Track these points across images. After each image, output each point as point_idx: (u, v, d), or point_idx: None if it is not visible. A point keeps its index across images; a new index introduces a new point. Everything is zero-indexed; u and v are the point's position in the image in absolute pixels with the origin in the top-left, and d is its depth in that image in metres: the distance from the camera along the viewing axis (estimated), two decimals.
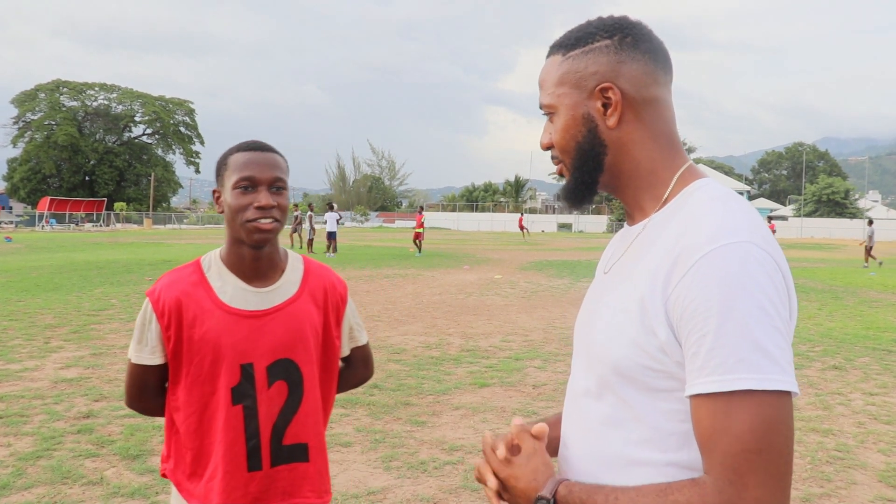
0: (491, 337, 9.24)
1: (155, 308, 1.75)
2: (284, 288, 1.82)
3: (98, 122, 74.60)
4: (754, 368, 0.97)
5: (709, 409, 1.00)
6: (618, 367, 1.11)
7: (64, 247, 28.14)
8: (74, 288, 13.53)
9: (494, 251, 29.95)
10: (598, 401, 1.17)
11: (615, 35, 1.16)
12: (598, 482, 1.13)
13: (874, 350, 8.77)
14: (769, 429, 0.97)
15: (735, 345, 0.97)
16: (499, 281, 16.65)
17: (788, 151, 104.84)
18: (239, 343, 1.74)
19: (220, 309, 1.75)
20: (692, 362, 1.01)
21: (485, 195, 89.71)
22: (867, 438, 5.35)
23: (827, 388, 6.85)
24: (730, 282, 0.99)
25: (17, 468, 4.38)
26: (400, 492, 4.20)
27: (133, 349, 1.80)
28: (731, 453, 0.97)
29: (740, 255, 1.01)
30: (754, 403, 0.97)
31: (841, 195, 69.23)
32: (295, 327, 1.81)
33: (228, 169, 1.73)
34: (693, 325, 1.01)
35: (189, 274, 1.80)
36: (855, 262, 26.32)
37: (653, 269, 1.08)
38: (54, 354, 7.66)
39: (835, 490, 4.35)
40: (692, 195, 1.14)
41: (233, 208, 1.70)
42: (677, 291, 1.03)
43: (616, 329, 1.12)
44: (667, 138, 1.19)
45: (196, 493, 1.78)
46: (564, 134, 1.20)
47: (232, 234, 1.76)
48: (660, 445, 1.09)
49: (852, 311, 12.36)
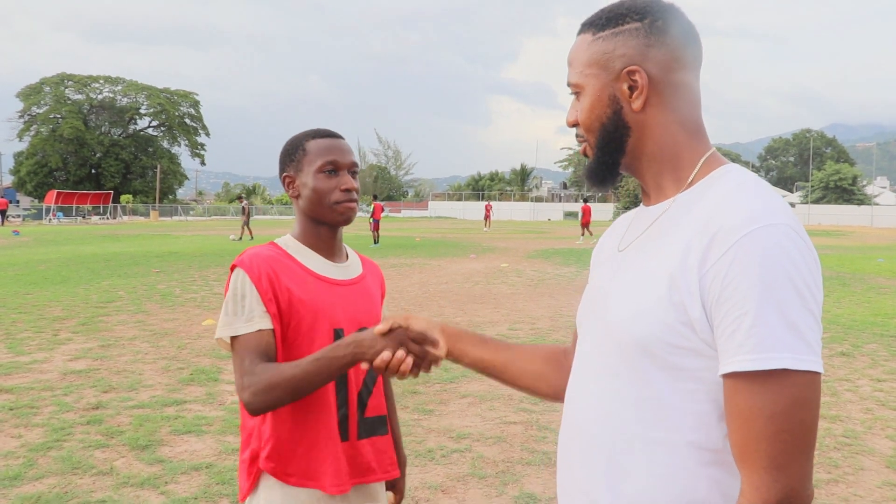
0: (498, 325, 9.25)
1: (250, 274, 1.69)
2: (354, 265, 1.91)
3: (103, 115, 74.63)
4: (791, 348, 0.99)
5: (745, 388, 1.01)
6: (641, 344, 1.11)
7: (71, 240, 28.24)
8: (82, 280, 13.59)
9: (500, 240, 29.92)
10: (613, 379, 1.17)
11: (646, 18, 1.16)
12: (612, 462, 1.15)
13: (882, 336, 8.75)
14: (802, 407, 1.00)
15: (774, 325, 0.99)
16: (505, 269, 16.64)
17: (795, 138, 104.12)
18: (330, 308, 1.77)
19: (311, 276, 1.78)
20: (730, 340, 1.02)
21: (490, 184, 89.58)
22: (875, 424, 5.35)
23: (835, 374, 6.84)
24: (770, 263, 1.00)
25: (28, 459, 4.42)
26: (408, 479, 4.19)
27: (232, 324, 1.67)
28: (766, 435, 1.00)
29: (780, 236, 1.02)
30: (789, 383, 0.99)
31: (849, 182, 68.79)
32: (371, 299, 1.89)
33: (309, 154, 1.80)
34: (732, 304, 1.01)
35: (269, 250, 1.78)
36: (863, 249, 26.20)
37: (683, 246, 1.09)
38: (63, 346, 7.70)
39: (843, 476, 4.35)
40: (720, 178, 1.15)
41: (319, 191, 1.78)
42: (715, 269, 1.03)
43: (640, 305, 1.12)
44: (693, 123, 1.19)
45: (296, 471, 1.71)
46: (590, 114, 1.20)
47: (312, 216, 1.82)
48: (678, 425, 1.10)
49: (860, 297, 12.31)
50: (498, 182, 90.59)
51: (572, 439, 1.25)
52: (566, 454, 1.27)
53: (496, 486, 4.14)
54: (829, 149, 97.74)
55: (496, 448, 4.74)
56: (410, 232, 36.06)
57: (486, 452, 4.65)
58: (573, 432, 1.25)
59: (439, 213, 76.08)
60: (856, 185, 69.68)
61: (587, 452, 1.20)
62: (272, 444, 1.71)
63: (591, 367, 1.23)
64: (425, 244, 26.06)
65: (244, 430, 1.78)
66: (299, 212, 1.85)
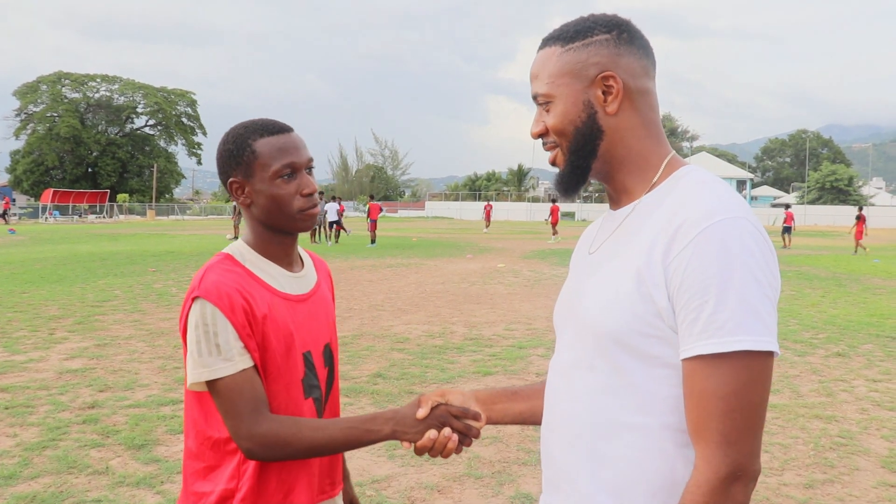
0: (494, 326, 9.25)
1: (220, 306, 1.48)
2: (309, 273, 1.74)
3: (100, 114, 74.46)
4: (750, 331, 1.08)
5: (702, 370, 1.10)
6: (614, 335, 1.18)
7: (67, 238, 28.19)
8: (78, 279, 13.57)
9: (497, 240, 29.93)
10: (590, 371, 1.24)
11: (613, 30, 1.25)
12: (593, 450, 1.22)
13: (877, 337, 8.77)
14: (754, 387, 1.09)
15: (733, 309, 1.08)
16: (502, 270, 16.65)
17: (792, 139, 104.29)
18: (297, 330, 1.61)
19: (276, 296, 1.59)
20: (691, 327, 1.10)
21: (487, 184, 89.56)
22: (870, 425, 5.36)
23: (830, 374, 6.86)
24: (728, 253, 1.09)
25: (24, 458, 4.41)
26: (404, 480, 4.21)
27: (210, 366, 1.48)
28: (718, 414, 1.09)
29: (737, 229, 1.11)
30: (744, 365, 1.08)
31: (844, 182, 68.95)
32: (328, 310, 1.75)
33: (260, 157, 1.58)
34: (693, 293, 1.10)
35: (229, 268, 1.57)
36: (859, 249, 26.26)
37: (649, 243, 1.17)
38: (59, 345, 7.69)
39: (838, 476, 4.36)
40: (681, 179, 1.24)
41: (279, 199, 1.58)
42: (678, 261, 1.12)
43: (611, 300, 1.19)
44: (655, 127, 1.28)
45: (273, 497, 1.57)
46: (563, 119, 1.26)
47: (270, 224, 1.62)
48: (653, 410, 1.18)
49: (856, 298, 12.34)
50: (495, 182, 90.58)
51: (553, 431, 1.32)
52: (549, 446, 1.34)
53: (492, 487, 4.14)
54: (825, 149, 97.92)
55: (492, 448, 4.74)
56: (407, 232, 36.04)
57: (482, 452, 4.65)
58: (554, 425, 1.32)
59: (436, 213, 76.05)
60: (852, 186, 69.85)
61: (568, 442, 1.27)
62: (251, 485, 1.54)
63: (570, 362, 1.30)
64: (422, 244, 26.06)
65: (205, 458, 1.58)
66: (254, 220, 1.64)
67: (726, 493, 1.09)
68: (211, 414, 1.55)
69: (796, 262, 20.24)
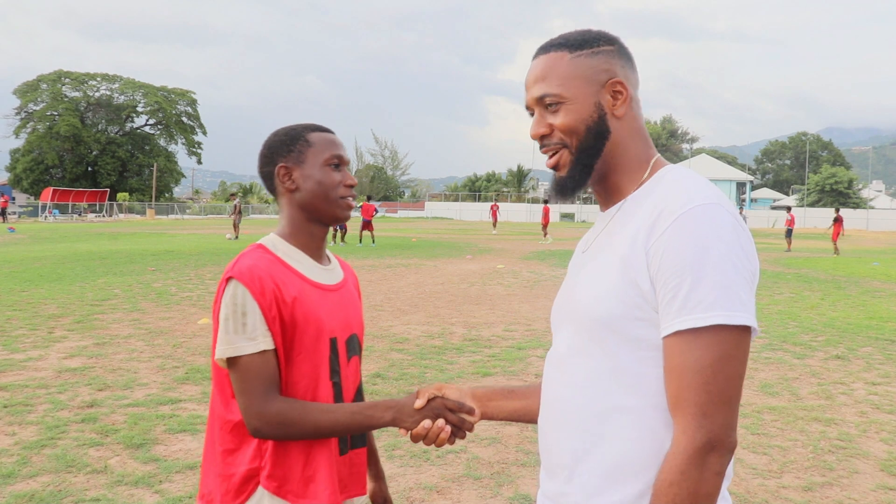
0: (493, 326, 9.25)
1: (251, 289, 1.58)
2: (336, 268, 1.85)
3: (100, 113, 74.42)
4: (724, 306, 1.14)
5: (679, 345, 1.17)
6: (605, 321, 1.26)
7: (67, 237, 28.18)
8: (77, 278, 13.56)
9: (497, 241, 29.92)
10: (583, 357, 1.31)
11: (615, 44, 1.38)
12: (589, 433, 1.28)
13: (877, 340, 8.77)
14: (728, 361, 1.16)
15: (709, 287, 1.15)
16: (501, 270, 16.65)
17: (792, 141, 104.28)
18: (326, 317, 1.70)
19: (305, 282, 1.70)
20: (670, 306, 1.18)
21: (487, 185, 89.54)
22: (869, 428, 5.36)
23: (829, 377, 6.86)
24: (704, 235, 1.17)
25: (22, 457, 4.40)
26: (403, 480, 4.21)
27: (233, 343, 1.58)
28: (694, 386, 1.15)
29: (711, 213, 1.19)
30: (718, 339, 1.15)
31: (844, 185, 68.97)
32: (355, 304, 1.86)
33: (313, 146, 1.74)
34: (671, 273, 1.17)
35: (261, 255, 1.67)
36: (859, 252, 26.26)
37: (633, 234, 1.25)
38: (58, 344, 7.69)
39: (837, 479, 4.36)
40: (664, 176, 1.34)
41: (326, 184, 1.72)
42: (657, 245, 1.20)
43: (600, 289, 1.28)
44: (644, 131, 1.40)
45: (296, 488, 1.63)
46: (577, 118, 1.34)
47: (311, 210, 1.74)
48: (642, 391, 1.24)
49: (855, 300, 12.35)
50: (495, 183, 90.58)
51: (548, 420, 1.39)
52: (545, 435, 1.40)
53: (491, 488, 4.14)
54: (825, 152, 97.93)
55: (491, 449, 4.74)
56: (407, 232, 36.03)
57: (480, 453, 4.65)
58: (549, 413, 1.39)
59: (436, 213, 76.04)
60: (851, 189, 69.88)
61: (563, 427, 1.34)
62: (274, 462, 1.62)
63: (566, 352, 1.36)
64: (421, 245, 26.06)
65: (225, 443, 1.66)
66: (293, 207, 1.75)
67: (702, 463, 1.14)
68: (230, 399, 1.65)
69: (795, 264, 20.24)
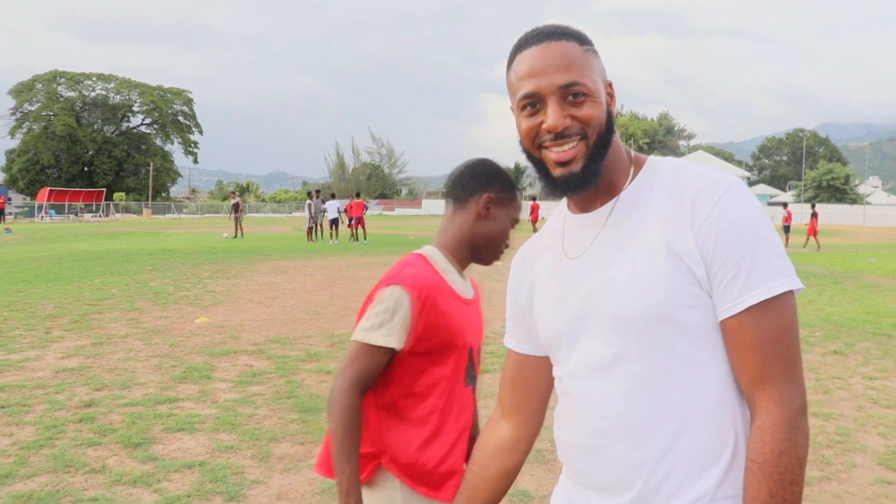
0: (491, 323, 9.21)
1: (411, 297, 1.77)
2: (469, 284, 2.03)
3: (96, 113, 74.27)
4: (787, 271, 1.19)
5: (753, 320, 1.18)
6: (660, 313, 1.22)
7: (63, 237, 28.13)
8: (74, 278, 13.54)
9: None
10: (639, 362, 1.25)
11: (593, 45, 1.35)
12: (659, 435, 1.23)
13: (874, 335, 8.79)
14: (795, 322, 1.21)
15: (769, 257, 1.19)
16: (498, 267, 16.64)
17: (789, 137, 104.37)
18: (469, 328, 1.90)
19: (455, 296, 1.89)
20: (732, 284, 1.19)
21: None
22: (867, 422, 5.37)
23: (827, 372, 6.87)
24: (750, 208, 1.22)
25: (20, 457, 4.39)
26: None
27: (370, 332, 1.77)
28: (778, 356, 1.18)
29: (744, 189, 1.24)
30: (787, 306, 1.19)
31: (841, 181, 69.04)
32: (482, 317, 2.04)
33: (515, 205, 1.98)
34: (729, 253, 1.19)
35: (424, 266, 1.86)
36: (856, 247, 26.31)
37: (664, 221, 1.24)
38: (55, 344, 7.67)
39: (835, 473, 4.37)
40: (657, 166, 1.34)
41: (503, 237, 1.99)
42: (706, 227, 1.21)
43: (648, 281, 1.23)
44: None
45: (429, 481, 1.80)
46: (600, 110, 1.29)
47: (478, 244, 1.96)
48: (709, 380, 1.23)
49: (852, 295, 12.37)
50: None
51: (604, 436, 1.29)
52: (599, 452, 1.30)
53: None
54: (821, 148, 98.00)
55: None
56: (404, 230, 36.02)
57: None
58: (607, 427, 1.28)
59: (433, 211, 76.00)
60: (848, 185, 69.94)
61: (632, 438, 1.25)
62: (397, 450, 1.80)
63: (610, 359, 1.28)
64: (418, 242, 25.81)
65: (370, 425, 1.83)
66: (470, 229, 1.93)
67: (798, 426, 1.17)
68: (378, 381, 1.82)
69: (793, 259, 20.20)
